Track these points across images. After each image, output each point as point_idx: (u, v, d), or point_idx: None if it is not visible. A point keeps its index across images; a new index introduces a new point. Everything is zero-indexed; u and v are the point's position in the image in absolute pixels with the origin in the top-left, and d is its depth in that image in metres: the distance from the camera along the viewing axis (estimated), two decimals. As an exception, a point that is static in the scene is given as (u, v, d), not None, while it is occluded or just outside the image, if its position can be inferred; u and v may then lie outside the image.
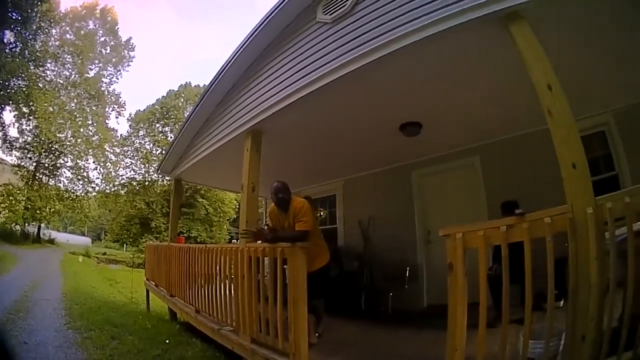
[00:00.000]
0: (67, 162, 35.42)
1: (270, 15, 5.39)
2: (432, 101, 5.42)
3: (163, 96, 42.38)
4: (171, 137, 36.08)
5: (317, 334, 5.03)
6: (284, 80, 5.28)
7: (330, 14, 4.82)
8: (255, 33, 5.66)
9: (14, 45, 28.21)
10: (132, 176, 39.82)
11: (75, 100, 35.53)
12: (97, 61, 37.26)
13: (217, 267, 5.69)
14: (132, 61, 39.94)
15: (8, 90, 28.52)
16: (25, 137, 31.93)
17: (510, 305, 2.82)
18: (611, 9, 3.70)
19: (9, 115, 32.52)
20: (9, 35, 27.04)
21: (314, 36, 5.02)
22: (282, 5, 5.25)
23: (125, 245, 40.73)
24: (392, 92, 5.09)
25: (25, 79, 29.41)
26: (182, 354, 5.74)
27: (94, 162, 37.12)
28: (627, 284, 2.56)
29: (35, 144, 31.77)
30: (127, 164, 40.28)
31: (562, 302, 3.61)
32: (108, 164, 38.08)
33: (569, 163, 2.80)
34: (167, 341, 6.37)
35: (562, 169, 2.83)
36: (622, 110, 5.78)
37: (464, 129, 6.45)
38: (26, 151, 32.02)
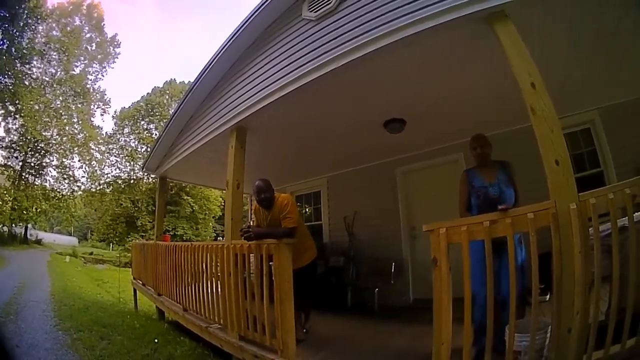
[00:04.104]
0: (53, 161, 35.27)
1: (255, 12, 5.36)
2: (416, 98, 5.44)
3: (148, 93, 42.43)
4: (156, 135, 35.89)
5: (304, 330, 5.06)
6: (269, 77, 5.26)
7: (315, 12, 4.80)
8: (241, 30, 5.62)
9: (1, 42, 28.04)
10: (117, 174, 39.75)
11: (60, 98, 35.25)
12: (82, 58, 36.98)
13: (204, 265, 5.70)
14: (117, 58, 39.70)
15: (-5, 89, 28.29)
16: (12, 136, 31.75)
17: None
18: (597, 9, 3.74)
19: (-5, 114, 32.19)
20: (-4, 33, 26.84)
21: (299, 33, 5.01)
22: (267, 3, 5.23)
23: (111, 244, 40.52)
24: (376, 89, 5.10)
25: (12, 76, 29.10)
26: (171, 352, 5.70)
27: (79, 161, 36.98)
28: (613, 278, 2.60)
29: (21, 143, 31.56)
30: (113, 162, 40.23)
31: (547, 296, 3.65)
32: (93, 162, 37.88)
33: (552, 159, 2.83)
34: (156, 340, 6.31)
35: (545, 165, 2.87)
36: (607, 108, 5.87)
37: (448, 126, 6.48)
38: (12, 150, 31.81)
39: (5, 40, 28.13)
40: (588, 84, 5.35)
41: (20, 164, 32.64)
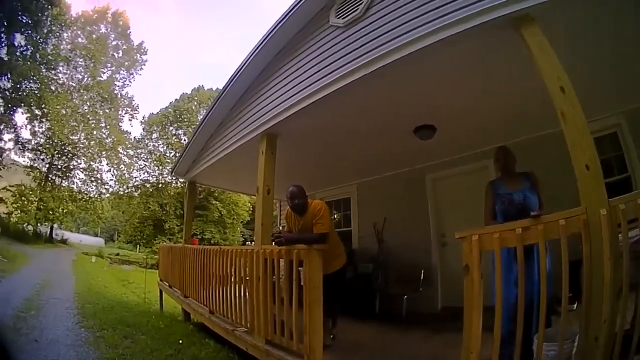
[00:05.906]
0: (80, 164, 35.96)
1: (283, 19, 5.42)
2: (445, 104, 5.40)
3: (176, 99, 43.27)
4: (184, 140, 36.65)
5: (331, 336, 5.05)
6: (298, 84, 5.29)
7: (342, 18, 4.84)
8: (269, 37, 5.69)
9: (25, 48, 28.65)
10: (145, 178, 40.69)
11: (88, 103, 35.98)
12: (109, 65, 37.75)
13: (232, 269, 5.75)
14: (144, 65, 40.43)
15: (20, 93, 28.93)
16: (38, 139, 32.38)
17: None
18: (624, 11, 3.69)
19: (21, 117, 32.97)
20: (19, 38, 27.41)
21: (327, 40, 5.04)
22: (294, 9, 5.28)
23: (138, 246, 41.15)
24: (406, 95, 5.09)
25: (37, 81, 29.81)
26: (195, 354, 5.74)
27: (107, 164, 37.68)
28: (640, 285, 2.58)
29: (47, 146, 32.23)
30: (141, 166, 41.15)
31: (575, 305, 3.61)
32: (121, 166, 38.59)
33: (582, 165, 2.80)
34: (180, 341, 6.37)
35: (575, 170, 2.83)
36: (634, 112, 5.76)
37: (479, 132, 6.40)
38: (39, 153, 32.47)
39: (29, 46, 28.81)
40: (614, 88, 5.23)
41: (47, 166, 33.31)
